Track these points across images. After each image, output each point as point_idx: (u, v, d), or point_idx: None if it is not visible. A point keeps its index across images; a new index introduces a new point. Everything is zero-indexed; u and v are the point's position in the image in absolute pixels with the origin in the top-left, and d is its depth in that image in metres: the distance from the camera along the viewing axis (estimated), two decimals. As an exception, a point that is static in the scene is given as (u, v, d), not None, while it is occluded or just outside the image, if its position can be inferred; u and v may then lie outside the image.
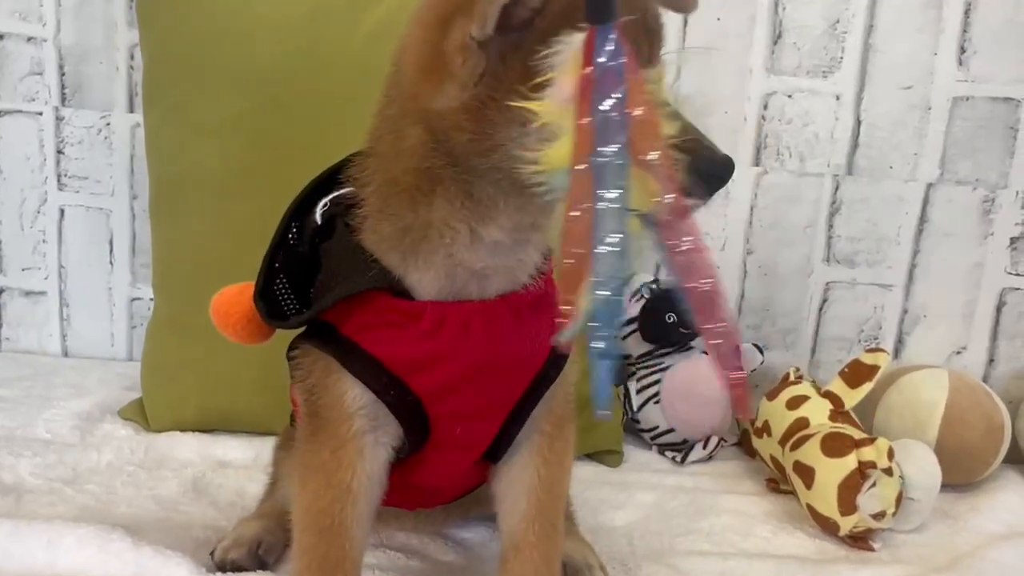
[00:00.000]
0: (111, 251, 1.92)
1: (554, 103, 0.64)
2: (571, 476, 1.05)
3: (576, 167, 0.62)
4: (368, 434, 0.92)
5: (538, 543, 0.96)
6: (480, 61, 0.71)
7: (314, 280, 0.97)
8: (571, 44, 0.64)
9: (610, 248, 0.60)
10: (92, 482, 1.34)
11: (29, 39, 1.85)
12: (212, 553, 1.11)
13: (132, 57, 1.82)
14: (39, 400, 1.63)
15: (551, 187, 0.66)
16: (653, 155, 0.62)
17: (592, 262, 0.61)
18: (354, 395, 0.91)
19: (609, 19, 0.61)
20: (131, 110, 1.85)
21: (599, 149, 0.61)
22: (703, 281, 0.64)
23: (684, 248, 0.63)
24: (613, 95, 0.61)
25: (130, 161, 1.87)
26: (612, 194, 0.60)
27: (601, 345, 0.62)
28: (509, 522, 0.98)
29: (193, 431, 1.55)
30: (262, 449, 1.47)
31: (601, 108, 0.61)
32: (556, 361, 0.96)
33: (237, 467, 1.45)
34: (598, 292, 0.60)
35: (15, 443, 1.44)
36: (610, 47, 0.61)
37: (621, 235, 0.61)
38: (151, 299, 1.73)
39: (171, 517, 1.25)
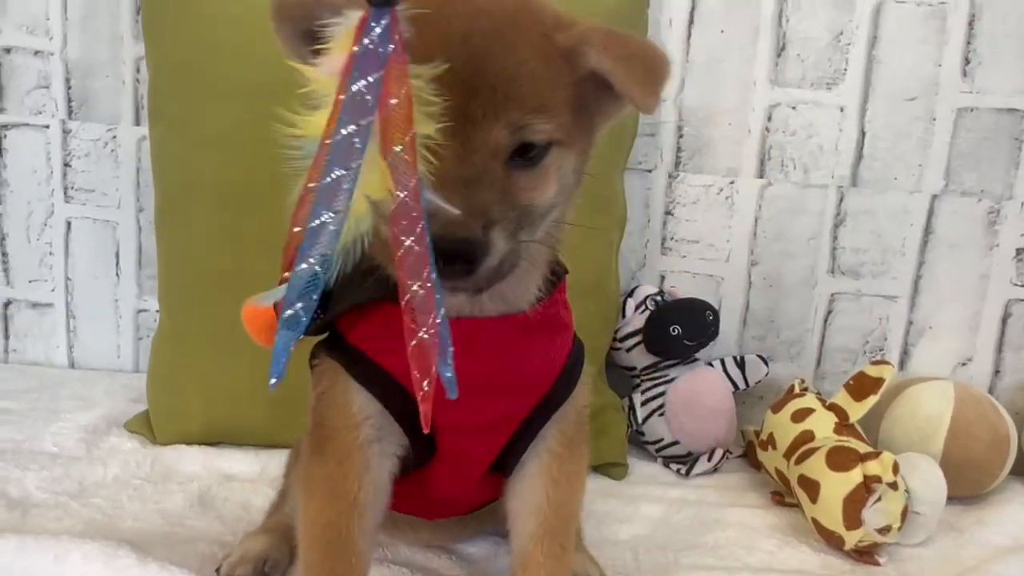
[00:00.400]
0: (117, 263, 1.92)
1: (323, 73, 0.65)
2: (582, 499, 1.05)
3: (325, 141, 0.62)
4: (374, 444, 0.93)
5: (545, 562, 0.96)
6: None
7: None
8: (349, 20, 0.64)
9: (325, 222, 0.61)
10: (98, 496, 1.34)
11: (36, 52, 1.86)
12: (218, 569, 1.11)
13: (138, 70, 1.83)
14: (46, 413, 1.64)
15: (305, 154, 0.66)
16: (397, 148, 0.62)
17: (307, 233, 0.61)
18: (360, 403, 0.92)
19: (388, 3, 0.61)
20: (137, 123, 1.86)
21: (340, 127, 0.61)
22: (419, 285, 0.64)
23: (406, 247, 0.63)
24: (368, 78, 0.61)
25: (136, 174, 1.88)
26: (339, 171, 0.61)
27: (290, 313, 0.62)
28: (518, 541, 0.99)
29: (199, 444, 1.55)
30: (268, 462, 1.48)
31: (352, 88, 0.61)
32: (566, 382, 0.96)
33: (243, 480, 1.45)
34: (303, 263, 0.61)
35: (22, 456, 1.45)
36: (379, 31, 0.61)
37: (337, 212, 0.61)
38: (157, 311, 1.74)
39: (177, 532, 1.25)
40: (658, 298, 1.75)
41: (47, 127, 1.88)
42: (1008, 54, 1.75)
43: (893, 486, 1.29)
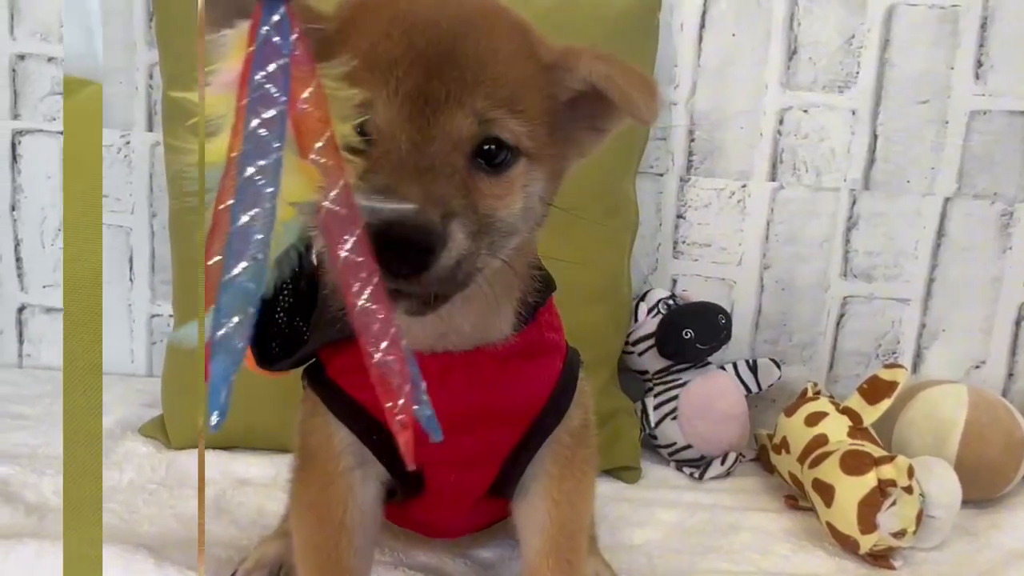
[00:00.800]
0: (131, 268, 1.93)
1: (215, 91, 0.57)
2: (589, 513, 1.04)
3: (232, 154, 0.54)
4: (356, 470, 0.92)
5: None
6: None
7: (310, 317, 0.96)
8: (237, 28, 0.56)
9: (245, 224, 0.53)
10: (115, 501, 1.35)
11: (49, 59, 1.87)
12: (234, 574, 1.12)
13: (151, 77, 1.84)
14: (60, 417, 1.64)
15: (211, 186, 0.57)
16: (317, 146, 0.55)
17: (228, 240, 0.53)
18: (341, 436, 0.91)
19: None
20: (150, 129, 1.87)
21: (249, 122, 0.53)
22: (367, 297, 0.56)
23: (344, 260, 0.55)
24: (267, 67, 0.53)
25: (149, 179, 1.89)
26: (251, 168, 0.53)
27: (222, 333, 0.52)
28: (527, 555, 0.99)
29: (213, 448, 1.55)
30: (282, 467, 1.47)
31: (257, 77, 0.53)
32: (555, 408, 0.94)
33: (257, 485, 1.46)
34: (229, 271, 0.53)
35: (38, 461, 1.45)
36: (276, 19, 0.54)
37: (258, 211, 0.53)
38: (170, 316, 1.75)
39: (193, 536, 1.26)
40: (670, 302, 1.75)
41: (61, 133, 1.89)
42: (1021, 56, 1.74)
43: (908, 490, 1.29)
